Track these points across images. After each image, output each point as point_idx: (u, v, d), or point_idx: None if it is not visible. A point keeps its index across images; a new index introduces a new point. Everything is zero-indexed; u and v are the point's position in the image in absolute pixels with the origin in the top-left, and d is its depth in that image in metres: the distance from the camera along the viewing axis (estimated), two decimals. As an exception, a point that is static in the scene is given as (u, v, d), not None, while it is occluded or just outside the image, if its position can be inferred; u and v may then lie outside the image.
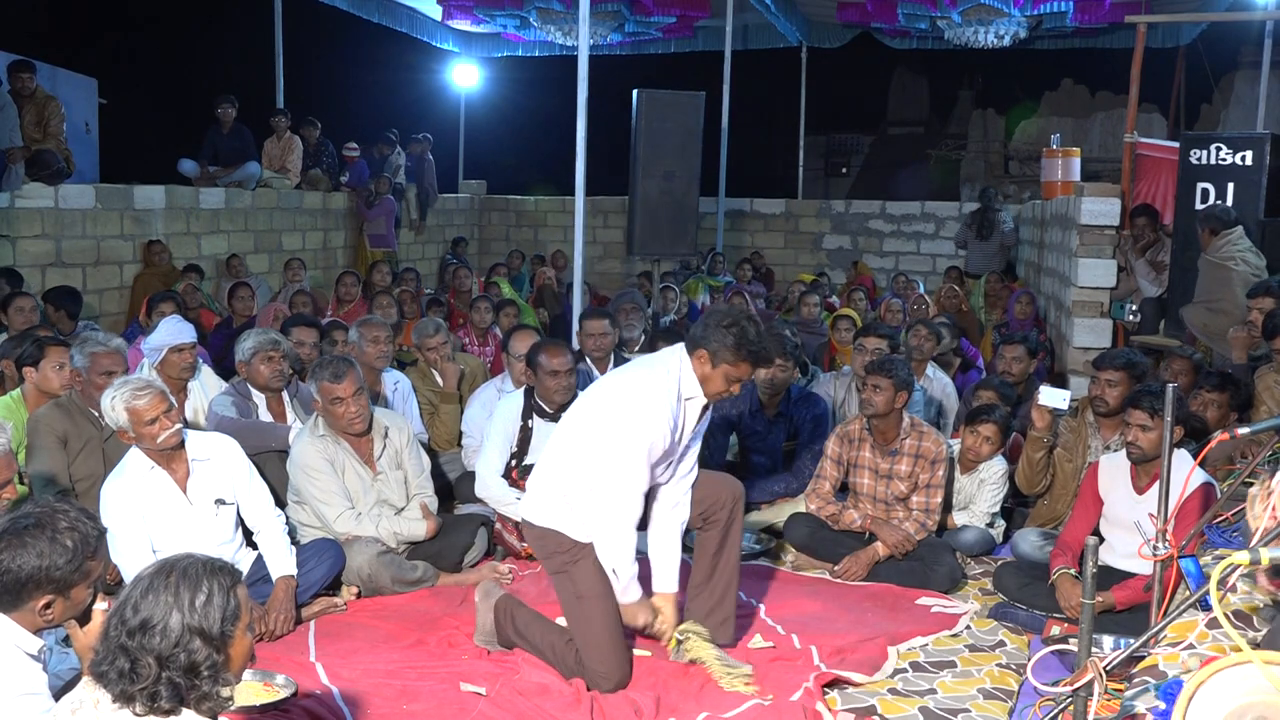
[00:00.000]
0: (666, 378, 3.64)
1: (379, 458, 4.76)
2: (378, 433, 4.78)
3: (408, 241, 14.16)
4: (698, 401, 3.69)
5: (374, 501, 4.71)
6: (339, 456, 4.66)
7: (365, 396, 4.69)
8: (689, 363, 3.66)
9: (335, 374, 4.59)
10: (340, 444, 4.67)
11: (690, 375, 3.65)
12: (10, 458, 3.17)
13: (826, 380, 6.55)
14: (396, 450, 4.83)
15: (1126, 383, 5.03)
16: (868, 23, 14.39)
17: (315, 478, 4.59)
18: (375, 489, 4.73)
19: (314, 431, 4.68)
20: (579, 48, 7.28)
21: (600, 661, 3.65)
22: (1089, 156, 17.38)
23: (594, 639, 3.66)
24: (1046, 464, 5.19)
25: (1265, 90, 12.47)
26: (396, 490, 4.80)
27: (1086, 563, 2.78)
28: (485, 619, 3.99)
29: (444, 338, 6.40)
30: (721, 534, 3.94)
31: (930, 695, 3.72)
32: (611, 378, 3.92)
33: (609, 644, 3.66)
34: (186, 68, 21.15)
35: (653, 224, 9.13)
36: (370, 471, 4.73)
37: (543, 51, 16.07)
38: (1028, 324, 9.02)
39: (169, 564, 2.21)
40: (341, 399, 4.58)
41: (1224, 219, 6.84)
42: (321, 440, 4.65)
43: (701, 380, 3.65)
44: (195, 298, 8.76)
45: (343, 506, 4.61)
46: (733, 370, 3.61)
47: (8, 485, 3.16)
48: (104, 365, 4.63)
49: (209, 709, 2.17)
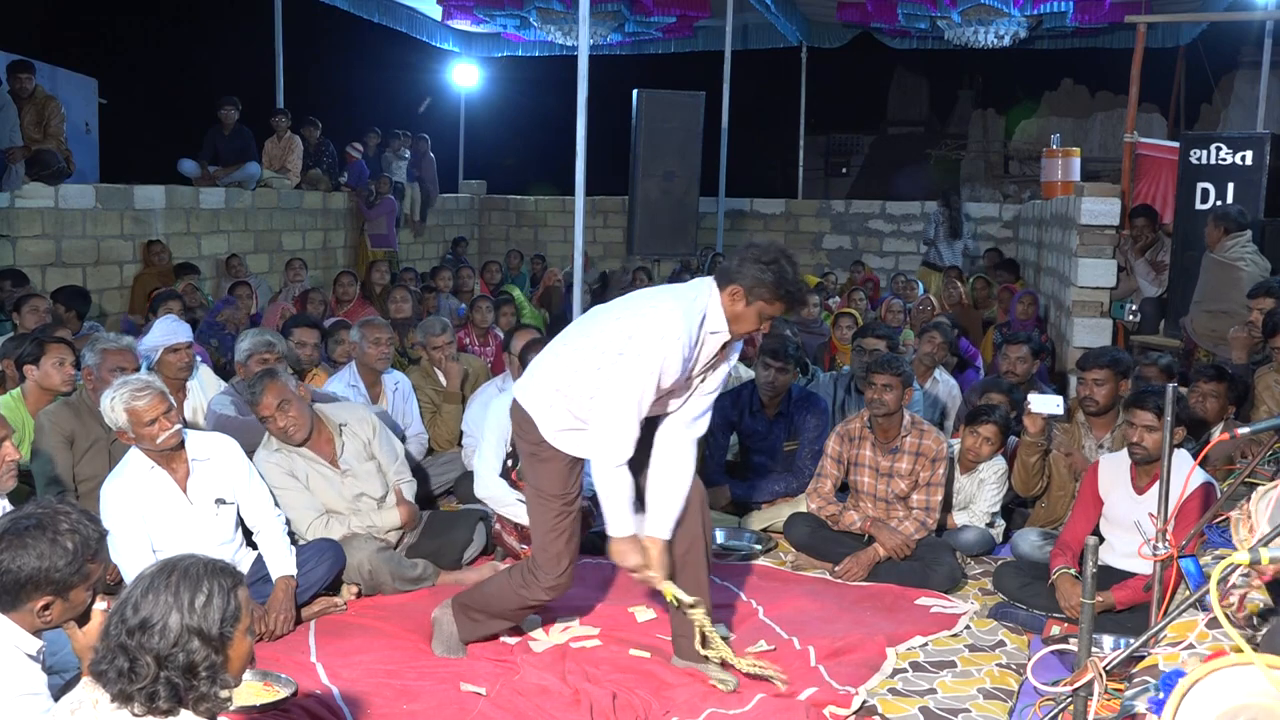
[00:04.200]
0: (693, 305, 3.49)
1: (341, 455, 4.70)
2: (333, 431, 4.71)
3: (408, 241, 14.16)
4: (720, 336, 3.54)
5: (350, 497, 4.66)
6: (298, 466, 4.60)
7: (295, 405, 4.56)
8: (718, 296, 3.49)
9: (252, 395, 4.56)
10: (296, 453, 4.61)
11: (718, 309, 3.50)
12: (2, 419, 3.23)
13: (826, 380, 6.55)
14: (363, 444, 4.76)
15: (1113, 380, 5.16)
16: (868, 23, 14.39)
17: (280, 493, 4.52)
18: (346, 486, 4.67)
19: (267, 447, 4.62)
20: (579, 48, 7.28)
21: (541, 561, 3.66)
22: (1089, 156, 17.37)
23: (540, 537, 3.67)
24: (1041, 468, 5.20)
25: (1265, 90, 12.47)
26: (371, 482, 4.73)
27: (1086, 563, 2.79)
28: (442, 630, 3.95)
29: (449, 337, 6.40)
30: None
31: (930, 695, 3.72)
32: (638, 295, 3.77)
33: (553, 543, 3.64)
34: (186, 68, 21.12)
35: (653, 224, 9.16)
36: (335, 471, 4.67)
37: (543, 51, 16.07)
38: (1029, 324, 9.02)
39: (170, 564, 2.21)
40: (267, 416, 4.54)
41: (1239, 220, 6.85)
42: (278, 454, 4.58)
43: (731, 317, 3.50)
44: (195, 298, 8.77)
45: (310, 516, 4.56)
46: (767, 308, 3.48)
47: (5, 442, 3.18)
48: (115, 363, 4.64)
49: (207, 710, 2.17)
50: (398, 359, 6.98)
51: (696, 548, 3.79)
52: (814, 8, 14.68)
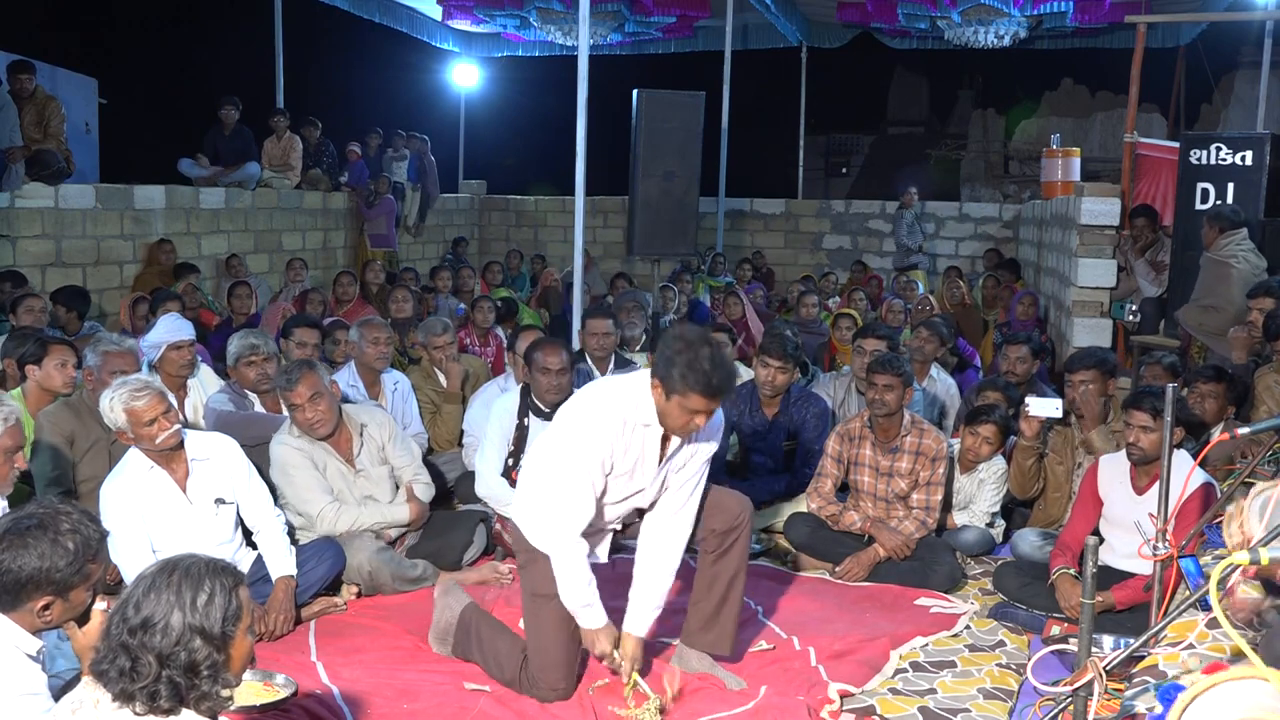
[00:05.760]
0: (621, 399, 3.37)
1: (358, 455, 4.75)
2: (354, 430, 4.76)
3: (408, 241, 14.16)
4: (655, 430, 3.38)
5: (359, 497, 4.71)
6: (318, 454, 4.66)
7: (326, 400, 4.62)
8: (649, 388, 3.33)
9: (288, 381, 4.60)
10: (317, 444, 4.66)
11: (649, 401, 3.33)
12: (18, 428, 3.22)
13: (826, 380, 6.55)
14: (378, 446, 4.81)
15: (1100, 380, 5.20)
16: (868, 23, 14.39)
17: (295, 474, 4.58)
18: (358, 485, 4.72)
19: (290, 434, 4.67)
20: (579, 48, 7.29)
21: (540, 665, 3.55)
22: (1089, 156, 17.37)
23: (538, 641, 3.56)
24: (1038, 470, 5.21)
25: (1265, 90, 12.47)
26: (380, 486, 4.79)
27: (1086, 563, 2.79)
28: (442, 617, 3.93)
29: (450, 338, 6.40)
30: (720, 545, 3.71)
31: (930, 695, 3.72)
32: (582, 390, 3.70)
33: (553, 648, 3.53)
34: (186, 68, 21.13)
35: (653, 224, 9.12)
36: (350, 469, 4.72)
37: (543, 51, 16.07)
38: (1029, 325, 9.02)
39: (172, 563, 2.21)
40: (298, 405, 4.57)
41: (1233, 219, 6.86)
42: (299, 440, 4.64)
43: (660, 413, 3.31)
44: (195, 297, 8.78)
45: (324, 500, 4.60)
46: (685, 402, 3.22)
47: (17, 453, 3.18)
48: (116, 365, 4.63)
49: (208, 709, 2.17)
50: (398, 359, 6.98)
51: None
52: (814, 8, 14.69)
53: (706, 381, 3.18)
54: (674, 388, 3.21)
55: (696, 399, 3.21)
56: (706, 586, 3.75)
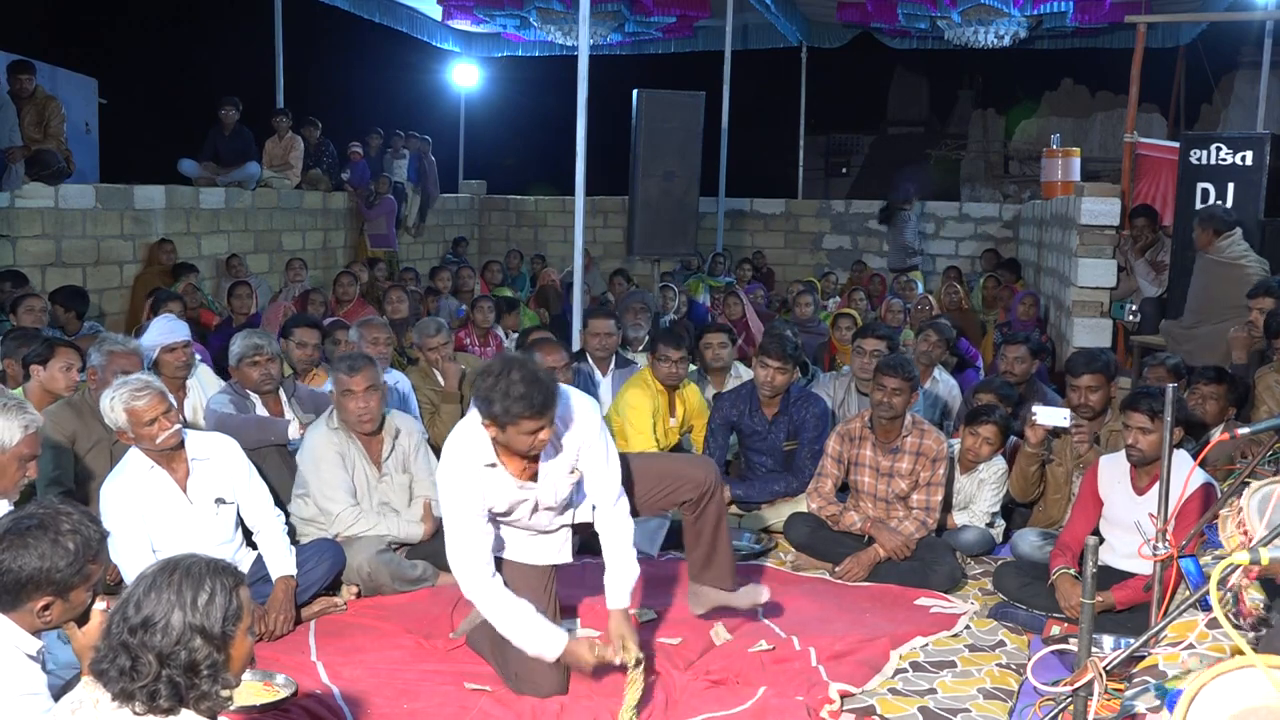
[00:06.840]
0: (462, 448, 3.42)
1: (386, 459, 4.77)
2: (389, 434, 4.78)
3: (408, 241, 14.16)
4: (498, 469, 3.40)
5: (377, 504, 4.73)
6: (350, 451, 4.68)
7: (378, 397, 4.68)
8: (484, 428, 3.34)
9: (351, 367, 4.62)
10: (353, 440, 4.68)
11: (485, 442, 3.37)
12: (37, 436, 3.22)
13: (826, 380, 6.55)
14: (405, 453, 4.83)
15: (1105, 385, 5.21)
16: (868, 23, 14.39)
17: (322, 469, 4.60)
18: (379, 490, 4.74)
19: (329, 423, 4.70)
20: (579, 48, 7.29)
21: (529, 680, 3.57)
22: (1089, 156, 17.36)
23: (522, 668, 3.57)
24: (1040, 476, 5.22)
25: (1265, 90, 12.47)
26: (399, 494, 4.81)
27: (1086, 563, 2.79)
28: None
29: (445, 338, 6.40)
30: (696, 508, 3.94)
31: (930, 695, 3.72)
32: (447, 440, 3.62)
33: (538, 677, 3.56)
34: (186, 68, 21.12)
35: (653, 224, 9.14)
36: (376, 472, 4.74)
37: (543, 51, 16.07)
38: (1029, 325, 9.03)
39: (172, 563, 2.21)
40: (352, 392, 4.59)
41: (1227, 220, 6.85)
42: (335, 433, 4.67)
43: (504, 444, 3.33)
44: (195, 298, 8.78)
45: (346, 501, 4.62)
46: (519, 429, 3.22)
47: (32, 461, 3.18)
48: (120, 365, 4.64)
49: (208, 709, 2.17)
50: (396, 359, 6.98)
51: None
52: (814, 8, 14.68)
53: (528, 403, 3.18)
54: (502, 420, 3.22)
55: (527, 422, 3.22)
56: (695, 538, 4.05)
